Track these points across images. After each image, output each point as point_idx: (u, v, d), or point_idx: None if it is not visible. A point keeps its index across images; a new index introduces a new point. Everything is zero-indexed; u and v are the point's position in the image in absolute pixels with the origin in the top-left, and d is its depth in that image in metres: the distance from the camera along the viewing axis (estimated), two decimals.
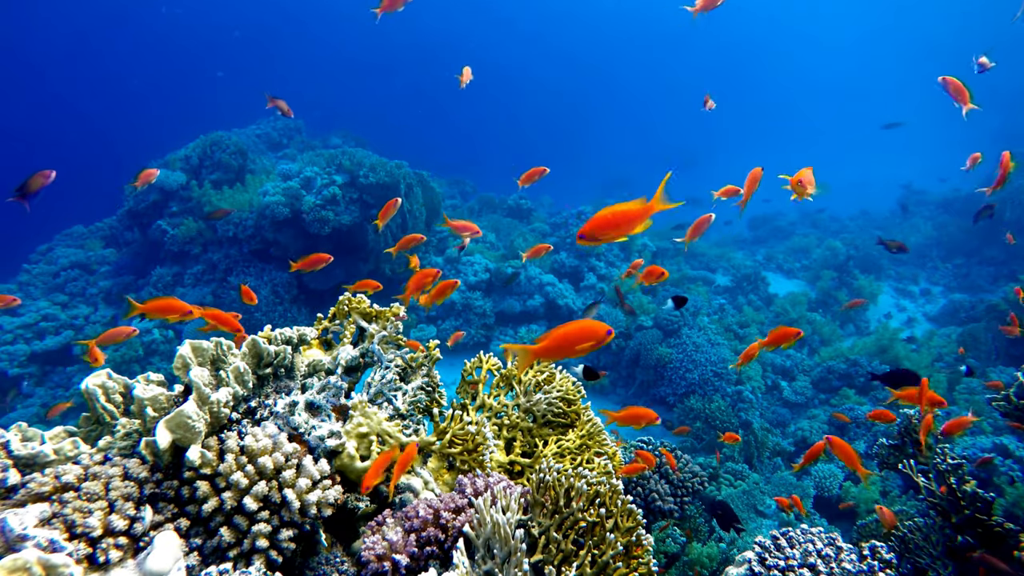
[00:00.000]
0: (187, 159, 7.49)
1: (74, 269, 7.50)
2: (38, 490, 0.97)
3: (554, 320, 7.15)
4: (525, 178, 3.14)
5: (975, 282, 8.79)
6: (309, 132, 11.08)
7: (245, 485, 1.07)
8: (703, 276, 9.02)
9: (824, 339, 7.24)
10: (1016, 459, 4.31)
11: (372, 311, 1.60)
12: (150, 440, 1.06)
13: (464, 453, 1.48)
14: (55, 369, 6.17)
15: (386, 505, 1.32)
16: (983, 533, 1.85)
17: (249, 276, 6.41)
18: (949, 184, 12.42)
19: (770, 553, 1.68)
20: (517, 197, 10.55)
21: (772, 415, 5.89)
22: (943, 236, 10.03)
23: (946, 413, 5.30)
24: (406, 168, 6.95)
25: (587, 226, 1.28)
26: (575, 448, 1.60)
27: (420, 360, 1.62)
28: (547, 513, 1.17)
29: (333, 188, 6.41)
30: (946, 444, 2.21)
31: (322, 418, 1.31)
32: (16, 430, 1.11)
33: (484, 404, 1.65)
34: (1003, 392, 2.30)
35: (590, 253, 8.24)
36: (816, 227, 12.38)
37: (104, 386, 1.27)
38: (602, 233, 1.28)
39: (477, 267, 7.41)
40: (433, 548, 1.09)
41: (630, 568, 1.15)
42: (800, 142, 24.98)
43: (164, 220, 7.00)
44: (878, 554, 1.64)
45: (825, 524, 4.07)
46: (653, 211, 1.28)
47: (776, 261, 10.41)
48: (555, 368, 1.75)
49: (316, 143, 10.46)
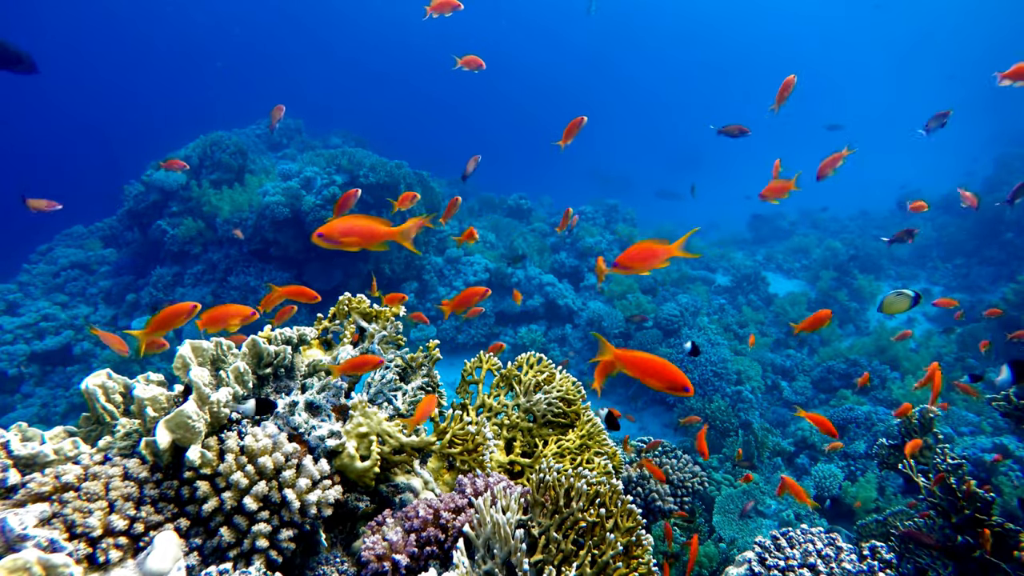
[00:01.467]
0: (187, 159, 7.48)
1: (74, 269, 7.51)
2: (38, 490, 0.97)
3: (554, 320, 7.15)
4: (563, 224, 3.17)
5: (975, 282, 8.79)
6: (309, 132, 11.08)
7: (245, 485, 1.07)
8: (703, 276, 9.03)
9: (824, 339, 7.24)
10: (1016, 459, 4.31)
11: (372, 311, 1.60)
12: (150, 440, 1.06)
13: (464, 453, 1.48)
14: (55, 369, 6.17)
15: (386, 505, 1.32)
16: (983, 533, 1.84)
17: (249, 276, 6.41)
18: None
19: (770, 553, 1.68)
20: (517, 197, 10.55)
21: (772, 415, 5.89)
22: (943, 236, 10.03)
23: (945, 414, 5.30)
24: (406, 168, 6.96)
25: (622, 258, 1.48)
26: (575, 448, 1.60)
27: (420, 360, 1.62)
28: (547, 513, 1.17)
29: (333, 188, 6.41)
30: (946, 444, 2.21)
31: (322, 418, 1.31)
32: (16, 430, 1.11)
33: (484, 404, 1.65)
34: (1002, 392, 2.30)
35: (590, 253, 8.24)
36: (816, 227, 12.39)
37: (104, 386, 1.27)
38: (632, 264, 1.48)
39: (477, 267, 7.41)
40: (433, 548, 1.09)
41: (630, 568, 1.15)
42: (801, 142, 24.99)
43: (164, 220, 7.00)
44: (878, 554, 1.64)
45: (825, 524, 4.07)
46: (673, 254, 1.46)
47: (776, 261, 10.41)
48: (555, 368, 1.75)
49: (316, 143, 10.46)
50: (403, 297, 2.39)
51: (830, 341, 7.16)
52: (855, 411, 5.32)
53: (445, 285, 7.26)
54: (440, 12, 2.89)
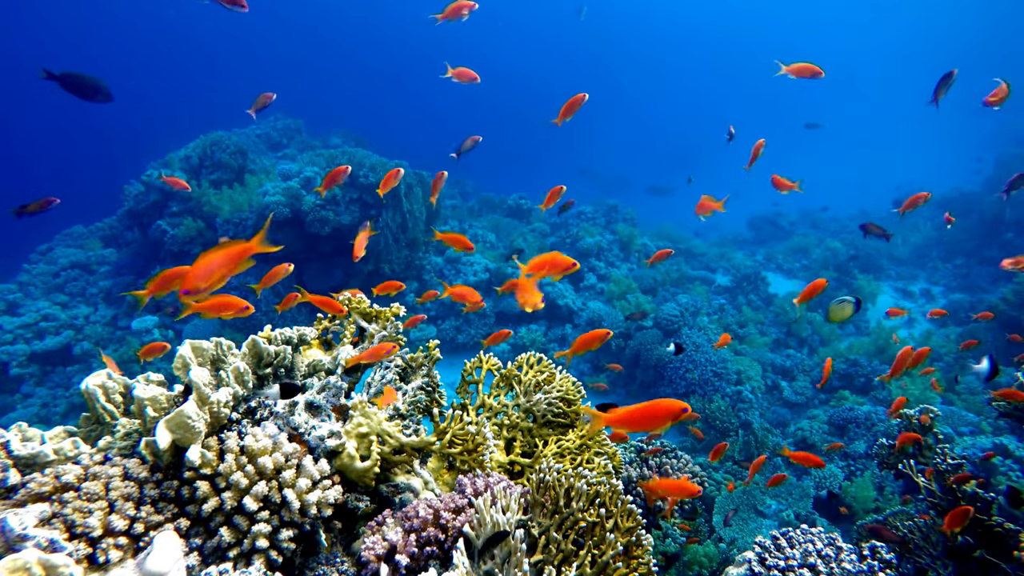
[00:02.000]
0: (187, 159, 7.49)
1: (74, 269, 7.50)
2: (38, 490, 0.97)
3: (554, 320, 7.15)
4: (548, 200, 3.12)
5: (975, 282, 8.79)
6: (309, 132, 11.08)
7: (245, 485, 1.07)
8: (703, 276, 9.03)
9: (824, 339, 7.24)
10: (1016, 459, 4.31)
11: (372, 311, 1.60)
12: (150, 440, 1.05)
13: (464, 453, 1.48)
14: (55, 369, 6.17)
15: (386, 505, 1.32)
16: (983, 533, 1.85)
17: (249, 276, 6.41)
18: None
19: (770, 553, 1.68)
20: (517, 197, 10.55)
21: (772, 415, 5.89)
22: (943, 236, 10.03)
23: (946, 414, 5.30)
24: (406, 168, 6.96)
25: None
26: (575, 448, 1.60)
27: (420, 360, 1.62)
28: (547, 513, 1.17)
29: (333, 188, 6.41)
30: (946, 444, 2.21)
31: (322, 418, 1.31)
32: (16, 430, 1.11)
33: (484, 404, 1.65)
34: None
35: (590, 253, 8.23)
36: (816, 227, 12.39)
37: (104, 386, 1.27)
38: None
39: (477, 267, 7.41)
40: (433, 548, 1.09)
41: (630, 568, 1.15)
42: (800, 142, 25.00)
43: (164, 220, 7.01)
44: (878, 554, 1.64)
45: (825, 524, 4.07)
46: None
47: (776, 261, 10.41)
48: (555, 368, 1.75)
49: (316, 143, 10.46)
50: (399, 286, 2.39)
51: (830, 341, 7.16)
52: (855, 411, 5.32)
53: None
54: (455, 17, 2.84)
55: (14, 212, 2.69)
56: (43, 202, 2.71)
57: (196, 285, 1.14)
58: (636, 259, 8.81)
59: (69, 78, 2.45)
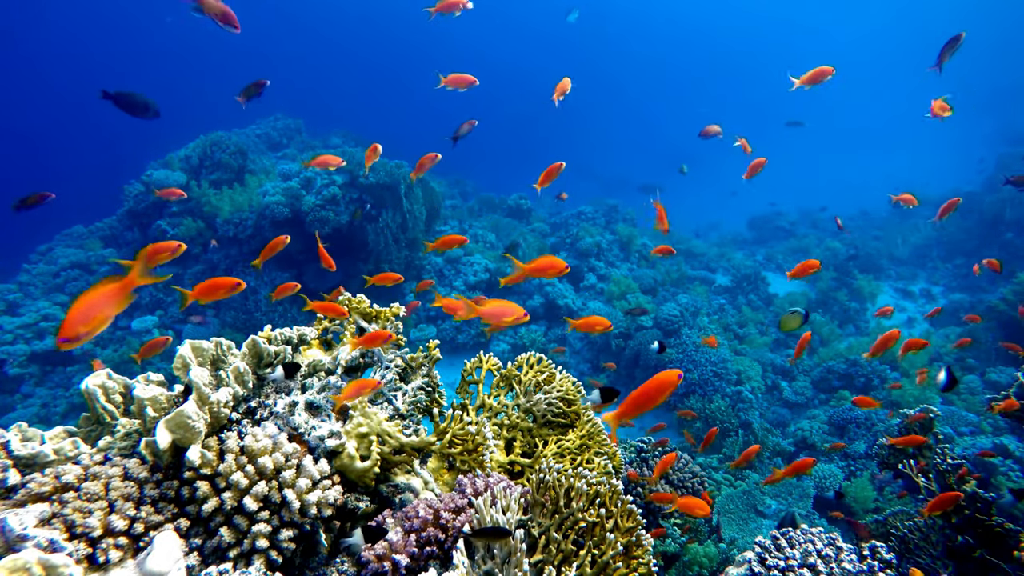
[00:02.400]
0: (187, 159, 7.49)
1: (74, 269, 7.50)
2: (38, 490, 0.97)
3: (554, 320, 7.15)
4: (543, 179, 3.03)
5: (975, 282, 8.78)
6: (309, 132, 11.08)
7: (245, 485, 1.07)
8: (703, 276, 9.03)
9: (824, 339, 7.24)
10: (1016, 459, 4.31)
11: (372, 311, 1.60)
12: (150, 440, 1.05)
13: (464, 453, 1.48)
14: (55, 369, 6.16)
15: (386, 505, 1.32)
16: (983, 533, 1.85)
17: (249, 276, 6.41)
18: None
19: (770, 553, 1.68)
20: (517, 197, 10.54)
21: (772, 415, 5.89)
22: (943, 236, 10.03)
23: (946, 414, 5.31)
24: (406, 168, 6.96)
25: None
26: (575, 448, 1.60)
27: (420, 360, 1.62)
28: (547, 513, 1.17)
29: (333, 188, 6.41)
30: (946, 444, 2.21)
31: (322, 418, 1.31)
32: (16, 430, 1.11)
33: (484, 404, 1.65)
34: (1003, 392, 2.30)
35: (590, 253, 8.23)
36: (816, 227, 12.39)
37: (104, 386, 1.27)
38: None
39: (477, 267, 7.41)
40: (433, 548, 1.09)
41: (630, 568, 1.15)
42: (801, 142, 25.03)
43: (164, 220, 7.01)
44: (878, 554, 1.64)
45: (825, 524, 4.07)
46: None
47: (776, 261, 10.41)
48: (555, 368, 1.75)
49: (316, 143, 10.46)
50: (397, 278, 2.39)
51: (830, 341, 7.16)
52: (855, 411, 5.32)
53: (445, 285, 7.26)
54: (448, 11, 2.85)
55: (13, 206, 2.77)
56: (39, 196, 2.78)
57: (76, 331, 1.02)
58: (636, 259, 8.81)
59: (123, 97, 2.75)
